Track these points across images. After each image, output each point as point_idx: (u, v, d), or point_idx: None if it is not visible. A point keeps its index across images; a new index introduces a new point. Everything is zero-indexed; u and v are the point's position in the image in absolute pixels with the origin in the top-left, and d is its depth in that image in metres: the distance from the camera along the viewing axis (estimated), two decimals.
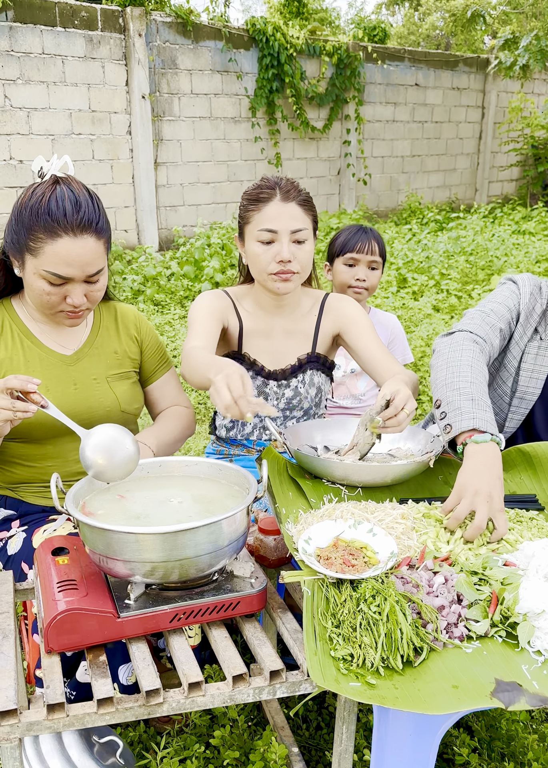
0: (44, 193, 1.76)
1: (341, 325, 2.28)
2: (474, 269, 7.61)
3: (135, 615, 1.42)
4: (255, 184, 2.17)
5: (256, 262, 2.15)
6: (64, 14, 7.78)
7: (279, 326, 2.28)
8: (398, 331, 3.09)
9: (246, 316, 2.27)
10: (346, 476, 1.79)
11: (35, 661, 1.84)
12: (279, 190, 2.11)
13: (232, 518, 1.43)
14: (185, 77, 9.02)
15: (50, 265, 1.76)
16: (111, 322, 2.10)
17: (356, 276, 2.89)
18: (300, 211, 2.12)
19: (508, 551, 1.58)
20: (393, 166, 12.14)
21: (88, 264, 1.79)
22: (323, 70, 10.50)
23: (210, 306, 2.20)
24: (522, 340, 2.13)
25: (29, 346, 1.95)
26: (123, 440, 1.58)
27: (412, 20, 25.45)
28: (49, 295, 1.81)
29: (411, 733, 1.34)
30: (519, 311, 2.13)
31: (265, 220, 2.11)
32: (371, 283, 2.92)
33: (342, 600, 1.40)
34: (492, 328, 2.06)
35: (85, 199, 1.78)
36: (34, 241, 1.76)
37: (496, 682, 1.25)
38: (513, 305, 2.13)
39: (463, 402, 1.80)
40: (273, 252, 2.11)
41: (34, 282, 1.81)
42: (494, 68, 12.09)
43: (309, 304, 2.32)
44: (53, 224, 1.73)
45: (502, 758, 1.87)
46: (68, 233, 1.74)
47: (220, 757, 1.77)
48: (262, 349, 2.27)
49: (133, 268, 7.47)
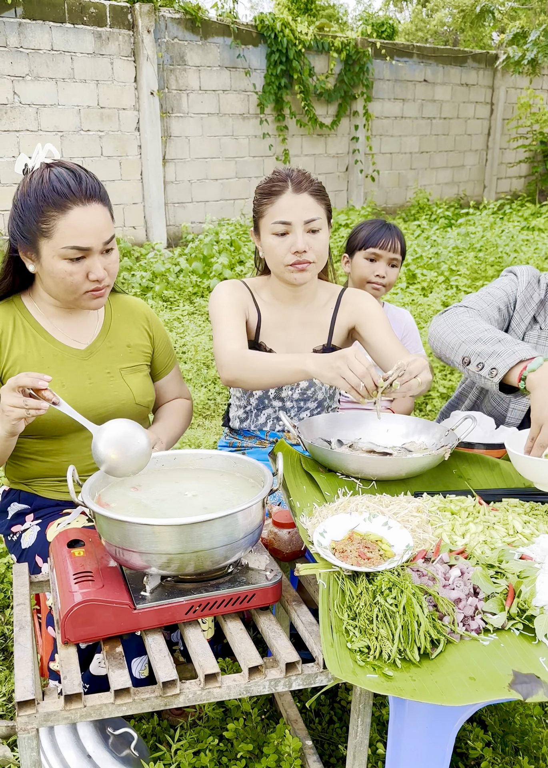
0: (42, 176, 1.79)
1: (357, 318, 2.29)
2: (483, 265, 7.58)
3: (151, 607, 1.42)
4: (267, 178, 2.19)
5: (272, 255, 2.16)
6: (72, 10, 7.79)
7: (296, 317, 2.29)
8: (411, 327, 3.09)
9: (263, 306, 2.28)
10: (360, 469, 1.79)
11: (48, 654, 1.85)
12: (290, 182, 2.12)
13: (247, 510, 1.43)
14: (193, 73, 9.02)
15: (67, 240, 1.77)
16: (121, 315, 2.10)
17: (376, 272, 2.87)
18: (313, 201, 2.13)
19: (524, 544, 1.57)
20: (402, 163, 12.11)
21: (101, 230, 1.81)
22: (331, 67, 10.47)
23: (232, 299, 2.23)
24: (519, 327, 2.17)
25: (43, 342, 1.95)
26: (135, 435, 1.57)
27: (420, 16, 25.39)
28: (71, 276, 1.81)
29: (427, 725, 1.34)
30: (516, 297, 2.17)
31: (278, 213, 2.12)
32: (389, 280, 2.91)
33: (358, 592, 1.40)
34: (489, 305, 2.12)
35: (82, 172, 1.82)
36: (46, 221, 1.77)
37: (514, 674, 1.25)
38: (511, 291, 2.18)
39: (494, 346, 1.85)
40: (288, 243, 2.12)
41: (54, 266, 1.81)
42: (502, 63, 12.03)
43: (326, 297, 2.33)
44: (61, 199, 1.76)
45: (516, 752, 1.87)
46: (77, 204, 1.77)
47: (234, 749, 1.78)
48: (278, 339, 2.28)
49: (142, 265, 7.47)
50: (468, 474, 1.90)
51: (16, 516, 2.00)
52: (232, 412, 2.42)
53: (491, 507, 1.71)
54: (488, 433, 2.04)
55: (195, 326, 5.95)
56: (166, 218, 9.06)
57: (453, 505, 1.70)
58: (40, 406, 1.59)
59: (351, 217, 10.06)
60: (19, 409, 1.59)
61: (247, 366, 2.02)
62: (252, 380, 2.03)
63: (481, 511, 1.68)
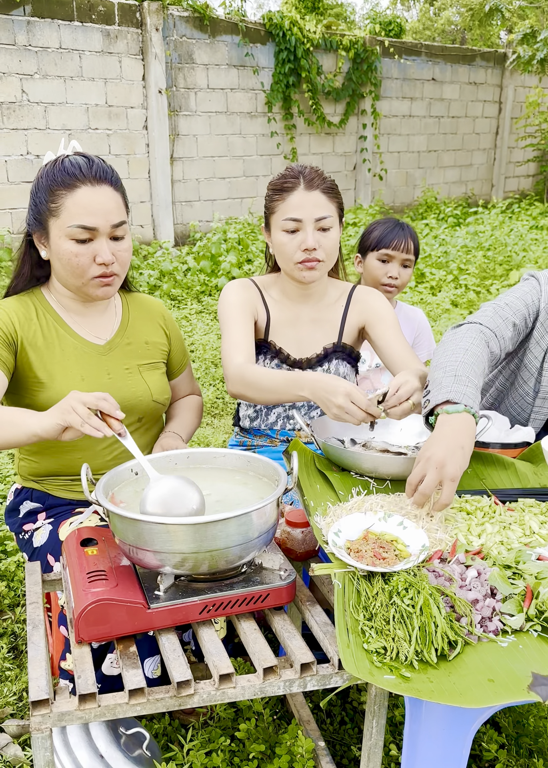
0: (57, 161, 1.83)
1: (367, 318, 2.28)
2: (492, 264, 7.56)
3: (164, 606, 1.41)
4: (280, 174, 2.18)
5: (282, 252, 2.15)
6: (81, 9, 7.78)
7: (306, 315, 2.28)
8: (424, 326, 3.06)
9: (273, 305, 2.27)
10: (375, 468, 1.78)
11: (59, 653, 1.84)
12: (302, 179, 2.11)
13: (262, 510, 1.42)
14: (202, 72, 9.01)
15: (73, 218, 1.78)
16: (139, 313, 2.10)
17: (389, 273, 2.83)
18: (325, 199, 2.12)
19: (541, 545, 1.55)
20: (409, 162, 12.08)
21: (109, 212, 1.81)
22: (340, 65, 10.45)
23: (240, 300, 2.22)
24: (543, 340, 2.08)
25: (64, 335, 1.95)
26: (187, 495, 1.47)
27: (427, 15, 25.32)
28: (77, 257, 1.81)
29: (444, 727, 1.32)
30: (539, 309, 2.07)
31: (290, 209, 2.11)
32: (402, 281, 2.88)
33: (374, 593, 1.39)
34: (504, 321, 2.02)
35: (97, 159, 1.85)
36: (55, 200, 1.79)
37: (533, 676, 1.23)
38: (532, 301, 2.07)
39: (446, 378, 1.75)
40: (298, 240, 2.11)
41: (60, 248, 1.81)
42: (513, 63, 11.99)
43: (336, 295, 2.32)
44: (70, 178, 1.78)
45: (530, 755, 1.85)
46: (86, 183, 1.79)
47: (246, 750, 1.76)
48: (288, 337, 2.27)
49: (149, 263, 7.47)
50: (483, 474, 1.89)
51: (28, 514, 1.99)
52: (241, 411, 2.41)
53: (507, 507, 1.70)
54: (503, 432, 2.02)
55: (203, 325, 5.95)
56: (173, 217, 9.05)
57: (469, 505, 1.69)
58: (101, 428, 1.52)
59: (359, 216, 10.04)
60: (76, 418, 1.52)
61: (246, 385, 2.03)
62: (254, 397, 2.05)
63: (497, 511, 1.67)
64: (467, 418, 1.65)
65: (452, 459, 1.55)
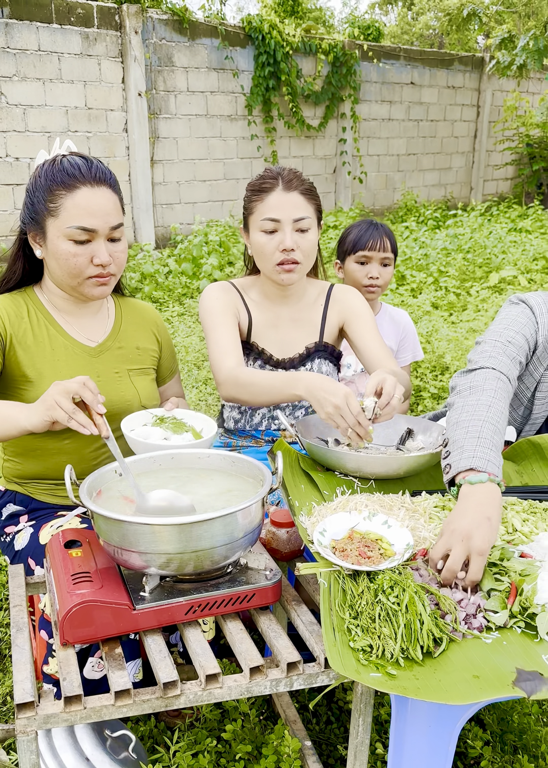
0: (55, 159, 1.82)
1: (346, 317, 2.30)
2: (472, 267, 7.61)
3: (150, 607, 1.40)
4: (258, 175, 2.21)
5: (260, 252, 2.16)
6: (60, 11, 7.74)
7: (286, 315, 2.29)
8: (410, 328, 3.07)
9: (253, 306, 2.28)
10: (359, 468, 1.78)
11: (42, 657, 1.83)
12: (281, 180, 2.13)
13: (247, 510, 1.42)
14: (181, 75, 8.99)
15: (73, 219, 1.78)
16: (132, 317, 2.10)
17: (369, 274, 2.84)
18: (303, 200, 2.14)
19: (524, 542, 1.57)
20: (389, 165, 12.14)
21: (108, 214, 1.81)
22: (319, 68, 10.48)
23: (222, 303, 2.22)
24: (537, 372, 2.05)
25: (54, 334, 1.94)
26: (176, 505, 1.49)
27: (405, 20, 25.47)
28: (75, 257, 1.80)
29: (430, 724, 1.33)
30: (537, 342, 2.01)
31: (268, 210, 2.12)
32: (384, 280, 2.89)
33: (359, 591, 1.39)
34: (513, 361, 1.92)
35: (95, 160, 1.85)
36: (54, 200, 1.78)
37: (517, 672, 1.24)
38: (530, 334, 2.00)
39: (468, 440, 1.64)
40: (276, 241, 2.12)
41: (58, 247, 1.80)
42: (492, 68, 12.09)
43: (315, 294, 2.33)
44: (70, 178, 1.78)
45: (515, 751, 1.86)
46: (85, 184, 1.78)
47: (232, 751, 1.76)
48: (270, 338, 2.28)
49: (131, 266, 7.44)
50: None
51: (10, 517, 1.98)
52: (225, 412, 2.41)
53: None
54: None
55: (185, 327, 5.93)
56: (154, 219, 9.03)
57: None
58: (88, 426, 1.50)
59: (339, 219, 10.08)
60: (62, 414, 1.50)
61: (242, 390, 2.04)
62: (248, 400, 2.06)
63: None
64: (492, 488, 1.54)
65: (478, 531, 1.43)
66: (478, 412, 1.71)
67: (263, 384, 2.00)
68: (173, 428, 1.86)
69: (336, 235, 9.22)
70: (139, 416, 1.91)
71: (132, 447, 1.80)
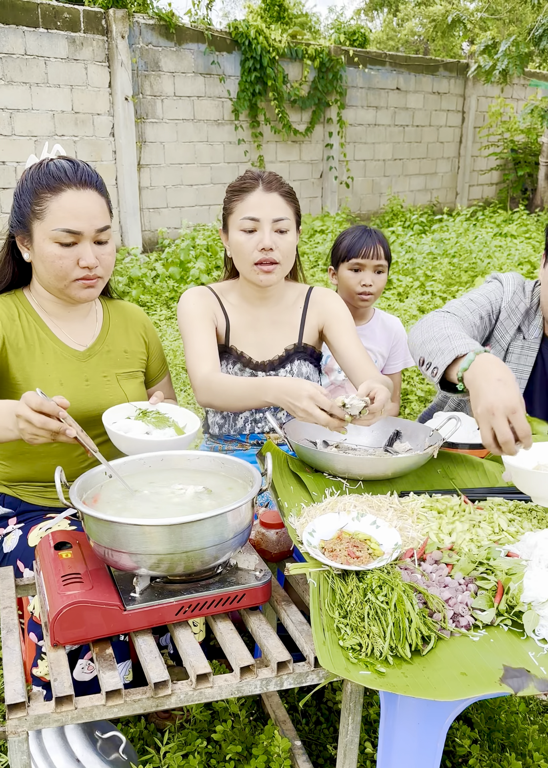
0: (42, 163, 1.84)
1: (325, 320, 2.32)
2: (457, 271, 7.66)
3: (140, 608, 1.41)
4: (238, 177, 2.23)
5: (239, 252, 2.17)
6: (46, 15, 7.74)
7: (265, 317, 2.31)
8: (401, 335, 3.06)
9: (231, 310, 2.29)
10: (348, 469, 1.80)
11: (31, 660, 1.83)
12: (261, 181, 2.16)
13: (237, 510, 1.43)
14: (168, 79, 9.01)
15: (58, 222, 1.78)
16: (120, 321, 2.10)
17: (362, 281, 2.83)
18: (283, 202, 2.16)
19: (509, 542, 1.59)
20: (375, 170, 12.20)
21: (94, 216, 1.82)
22: (305, 74, 10.53)
23: (199, 309, 2.24)
24: (503, 339, 2.14)
25: (44, 338, 1.94)
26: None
27: (391, 26, 25.61)
28: (61, 260, 1.81)
29: (419, 721, 1.34)
30: (501, 308, 2.14)
31: (248, 209, 2.14)
32: (378, 288, 2.88)
33: (348, 591, 1.41)
34: (471, 312, 2.07)
35: (82, 163, 1.87)
36: (39, 203, 1.79)
37: (504, 669, 1.26)
38: (495, 299, 2.14)
39: (441, 343, 1.78)
40: (255, 240, 2.14)
41: (44, 250, 1.81)
42: (473, 73, 12.19)
43: (294, 296, 2.35)
44: (56, 181, 1.79)
45: (502, 749, 1.88)
46: (71, 187, 1.80)
47: (222, 751, 1.77)
48: (249, 341, 2.29)
49: (118, 270, 7.44)
50: (452, 473, 1.92)
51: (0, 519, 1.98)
52: (210, 418, 2.42)
53: (476, 506, 1.73)
54: (471, 433, 2.05)
55: (172, 331, 5.94)
56: (141, 223, 9.03)
57: (440, 504, 1.72)
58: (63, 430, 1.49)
59: (326, 224, 10.11)
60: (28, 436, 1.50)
61: (213, 394, 2.06)
62: (221, 406, 2.08)
63: (467, 509, 1.70)
64: (484, 356, 1.68)
65: (498, 397, 1.57)
66: (436, 326, 1.87)
67: (234, 392, 2.02)
68: (155, 423, 1.86)
69: (322, 240, 9.25)
70: (123, 408, 1.91)
71: (112, 440, 1.80)
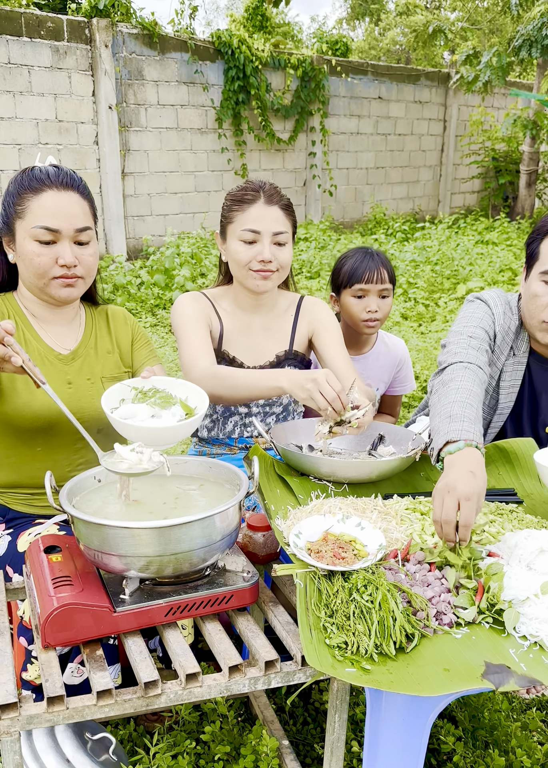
0: (27, 168, 1.89)
1: (314, 328, 2.36)
2: (440, 278, 7.74)
3: (130, 609, 1.43)
4: (240, 186, 2.25)
5: (237, 259, 2.20)
6: (30, 24, 7.76)
7: (258, 324, 2.34)
8: (405, 359, 2.88)
9: (225, 315, 2.32)
10: (333, 473, 1.83)
11: (20, 664, 1.84)
12: (263, 194, 2.18)
13: (224, 513, 1.46)
14: (152, 88, 9.05)
15: (37, 219, 1.82)
16: (103, 323, 2.12)
17: (367, 308, 2.61)
18: (282, 215, 2.19)
19: (491, 542, 1.63)
20: (358, 178, 12.29)
21: (74, 216, 1.85)
22: (288, 83, 10.60)
23: (194, 311, 2.26)
24: (499, 360, 2.16)
25: (30, 339, 1.96)
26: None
27: (373, 35, 25.81)
28: (39, 257, 1.84)
29: (403, 717, 1.38)
30: (496, 332, 2.13)
31: (249, 221, 2.17)
32: (384, 313, 2.67)
33: (334, 591, 1.44)
34: (478, 351, 2.02)
35: (67, 168, 1.91)
36: (21, 203, 1.84)
37: (486, 665, 1.30)
38: (489, 326, 2.11)
39: (442, 422, 1.77)
40: (254, 252, 2.17)
41: (25, 248, 1.84)
42: (456, 83, 12.33)
43: (285, 305, 2.39)
44: (38, 183, 1.84)
45: (486, 746, 1.92)
46: (52, 188, 1.84)
47: (211, 752, 1.79)
48: (241, 346, 2.32)
49: (103, 277, 7.42)
50: (435, 476, 1.96)
51: None
52: None
53: None
54: None
55: (158, 338, 5.96)
56: (125, 231, 9.05)
57: (423, 506, 1.76)
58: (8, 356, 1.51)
59: (310, 231, 10.18)
60: None
61: (220, 384, 2.05)
62: (227, 397, 2.07)
63: None
64: (470, 450, 1.66)
65: (462, 481, 1.53)
66: (448, 397, 1.84)
67: (244, 379, 2.03)
68: (161, 404, 1.66)
69: (306, 248, 9.30)
70: (116, 390, 1.72)
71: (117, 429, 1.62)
